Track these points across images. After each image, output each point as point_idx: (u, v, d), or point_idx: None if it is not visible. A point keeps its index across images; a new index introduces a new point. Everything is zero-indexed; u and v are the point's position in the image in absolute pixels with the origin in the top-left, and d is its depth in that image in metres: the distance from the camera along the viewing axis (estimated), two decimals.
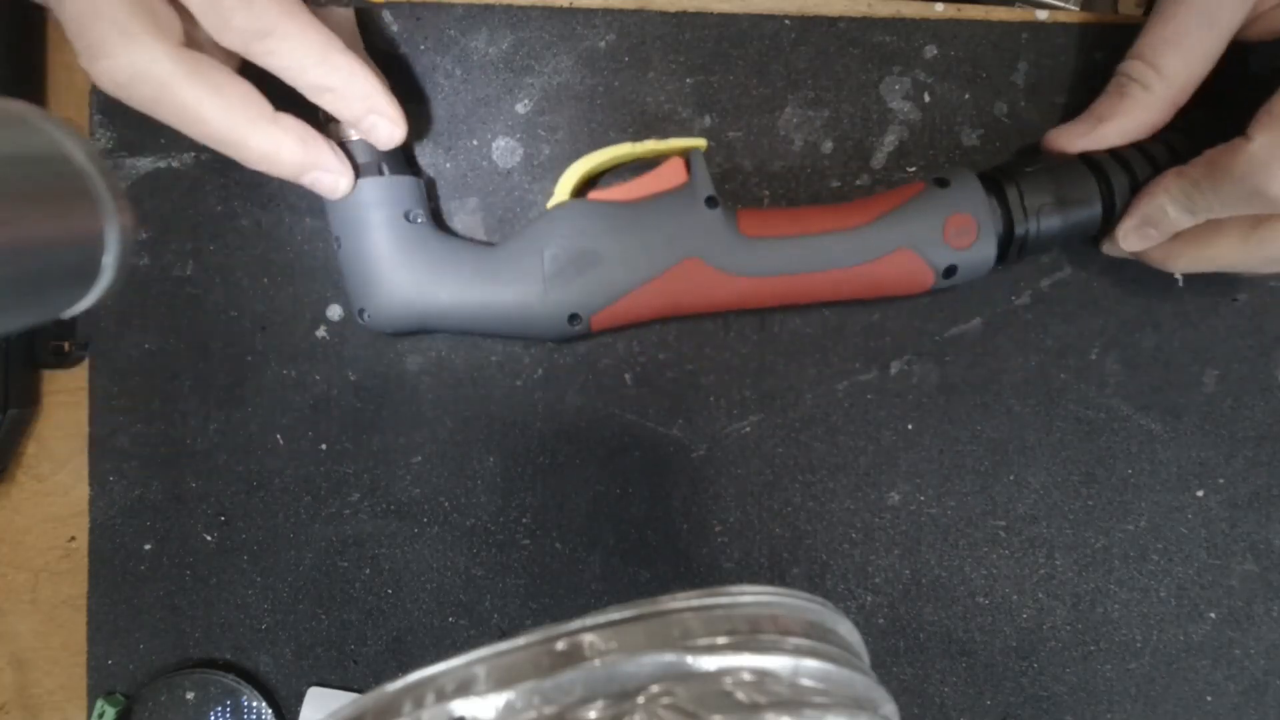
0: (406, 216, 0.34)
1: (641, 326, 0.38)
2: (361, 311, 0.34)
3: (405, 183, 0.34)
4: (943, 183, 0.34)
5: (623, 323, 0.35)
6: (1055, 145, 0.34)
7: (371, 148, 0.33)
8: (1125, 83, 0.33)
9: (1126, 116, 0.33)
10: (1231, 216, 0.31)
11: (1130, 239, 0.33)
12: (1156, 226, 0.32)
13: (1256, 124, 0.29)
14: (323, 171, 0.32)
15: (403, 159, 0.35)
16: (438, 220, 0.37)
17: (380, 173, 0.33)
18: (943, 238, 0.33)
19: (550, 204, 0.35)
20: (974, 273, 0.34)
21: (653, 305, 0.34)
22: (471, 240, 0.37)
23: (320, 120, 0.34)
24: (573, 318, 0.34)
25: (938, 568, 0.39)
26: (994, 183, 0.34)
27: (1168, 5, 0.32)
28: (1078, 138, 0.34)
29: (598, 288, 0.33)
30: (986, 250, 0.33)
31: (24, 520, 0.40)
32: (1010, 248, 0.34)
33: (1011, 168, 0.34)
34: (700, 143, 0.35)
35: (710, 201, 0.33)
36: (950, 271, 0.34)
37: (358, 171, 0.33)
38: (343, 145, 0.33)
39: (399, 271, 0.33)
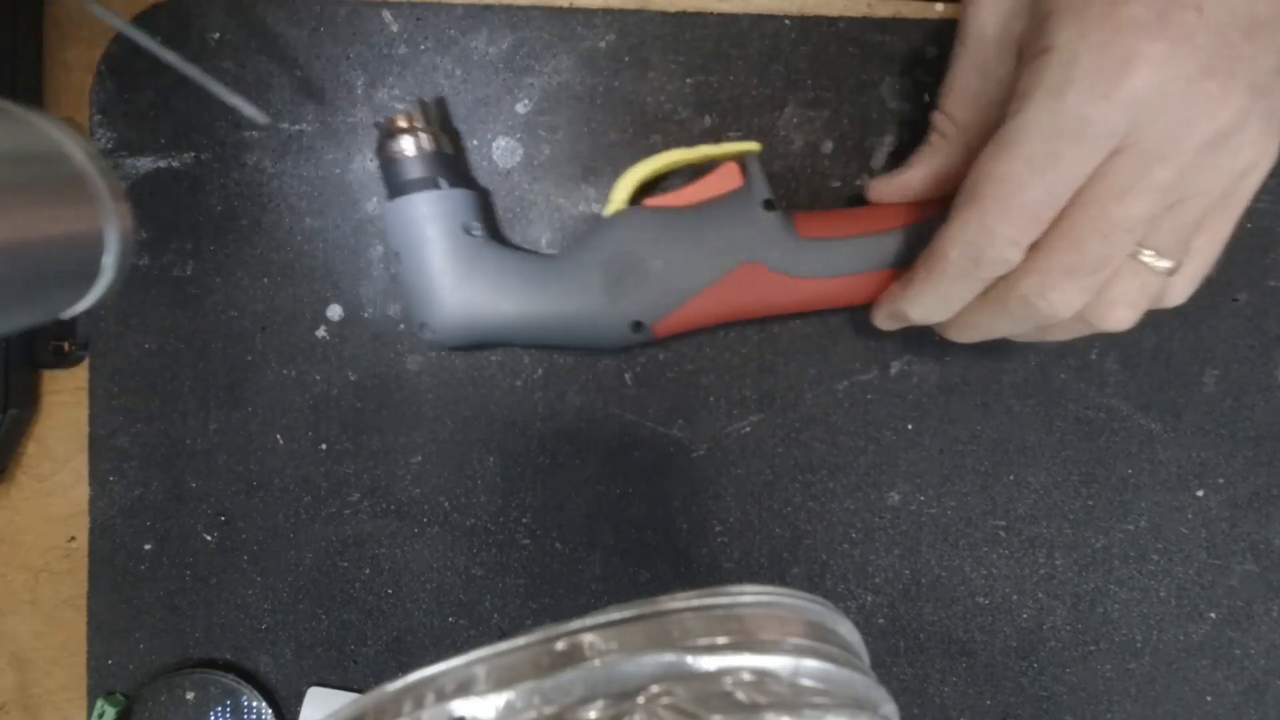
0: (466, 230, 0.34)
1: None
2: (422, 326, 0.34)
3: (463, 196, 0.34)
4: None
5: (686, 328, 0.35)
6: (873, 196, 0.34)
7: (428, 162, 0.33)
8: (931, 130, 0.33)
9: (926, 164, 0.33)
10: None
11: (884, 323, 0.34)
12: (905, 320, 0.33)
13: (955, 204, 0.28)
14: None
15: (460, 172, 0.35)
16: (496, 233, 0.37)
17: (437, 186, 0.33)
18: None
19: (607, 212, 0.34)
20: None
21: (715, 311, 0.34)
22: (530, 252, 0.36)
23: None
24: (636, 325, 0.33)
25: (938, 568, 0.39)
26: None
27: (953, 52, 0.31)
28: (888, 185, 0.34)
29: (658, 295, 0.33)
30: None
31: (24, 520, 0.40)
32: None
33: None
34: (754, 146, 0.34)
35: (768, 205, 0.33)
36: None
37: (415, 186, 0.33)
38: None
39: (460, 286, 0.33)
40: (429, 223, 0.33)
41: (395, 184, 0.34)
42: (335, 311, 0.38)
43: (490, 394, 0.38)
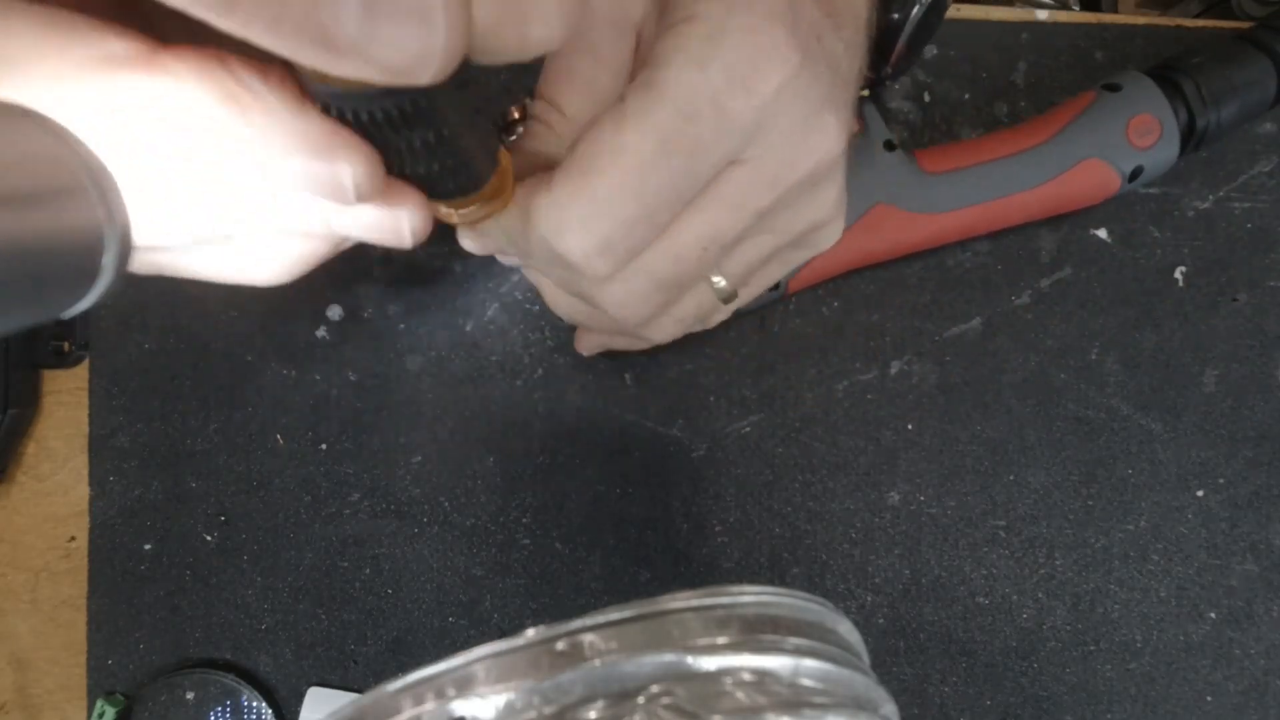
0: None
1: None
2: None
3: None
4: (1113, 87, 0.33)
5: (818, 280, 0.35)
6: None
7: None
8: (533, 119, 0.25)
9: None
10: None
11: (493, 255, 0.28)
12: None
13: (559, 172, 0.23)
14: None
15: None
16: None
17: None
18: (1127, 141, 0.33)
19: None
20: (1157, 171, 0.34)
21: (846, 258, 0.34)
22: None
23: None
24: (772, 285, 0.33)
25: (938, 568, 0.39)
26: (1165, 79, 0.33)
27: None
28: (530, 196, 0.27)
29: None
30: (1170, 148, 0.33)
31: (24, 520, 0.40)
32: (1190, 141, 0.34)
33: (1178, 61, 0.34)
34: (863, 91, 0.34)
35: (888, 145, 0.33)
36: (1136, 173, 0.33)
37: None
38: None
39: None
40: None
41: None
42: (335, 311, 0.38)
43: (490, 394, 0.38)
